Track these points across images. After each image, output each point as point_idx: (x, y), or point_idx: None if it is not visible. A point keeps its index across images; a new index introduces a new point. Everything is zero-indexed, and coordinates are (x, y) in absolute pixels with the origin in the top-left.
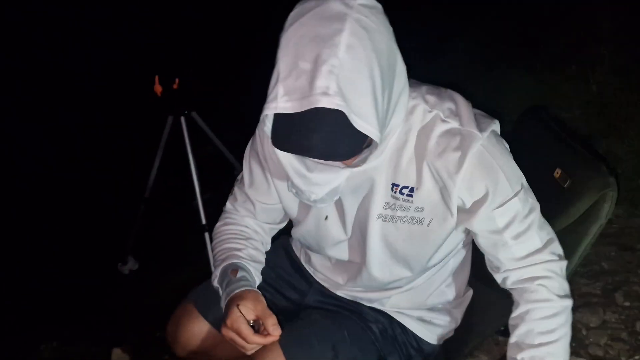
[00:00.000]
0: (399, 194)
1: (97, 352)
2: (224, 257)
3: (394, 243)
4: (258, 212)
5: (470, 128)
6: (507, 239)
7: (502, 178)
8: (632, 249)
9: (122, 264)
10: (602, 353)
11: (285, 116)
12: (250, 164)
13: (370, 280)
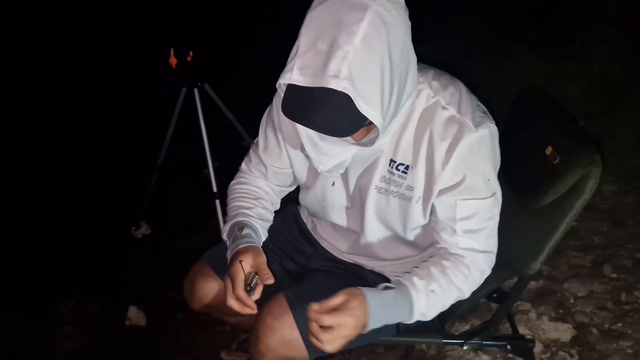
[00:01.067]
0: (395, 170)
1: (113, 310)
2: (235, 214)
3: (385, 214)
4: (269, 174)
5: (466, 119)
6: (458, 229)
7: (480, 179)
8: (624, 225)
9: (135, 229)
10: (587, 320)
11: (297, 88)
12: (265, 130)
13: (368, 249)
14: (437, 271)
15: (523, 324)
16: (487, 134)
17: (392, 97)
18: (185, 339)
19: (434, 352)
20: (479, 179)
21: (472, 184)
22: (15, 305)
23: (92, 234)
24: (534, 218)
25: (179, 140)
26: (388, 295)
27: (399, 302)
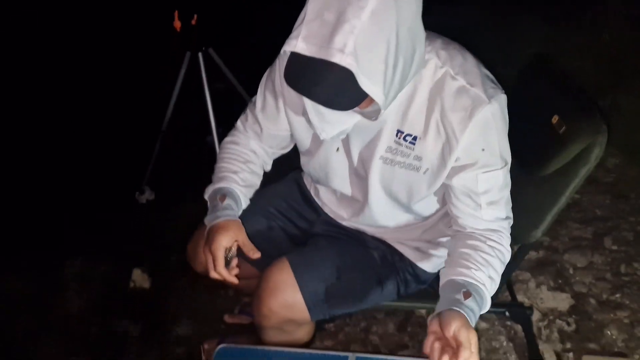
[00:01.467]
0: (402, 141)
1: (118, 272)
2: (220, 176)
3: (389, 184)
4: (264, 135)
5: (478, 91)
6: (483, 202)
7: (497, 148)
8: (626, 197)
9: (139, 194)
10: (585, 290)
11: (300, 56)
12: (264, 91)
13: (371, 218)
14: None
15: (522, 292)
16: (500, 104)
17: (396, 73)
18: (188, 302)
19: None
20: (495, 151)
21: (489, 157)
22: (23, 263)
23: (98, 197)
24: (537, 187)
25: (182, 106)
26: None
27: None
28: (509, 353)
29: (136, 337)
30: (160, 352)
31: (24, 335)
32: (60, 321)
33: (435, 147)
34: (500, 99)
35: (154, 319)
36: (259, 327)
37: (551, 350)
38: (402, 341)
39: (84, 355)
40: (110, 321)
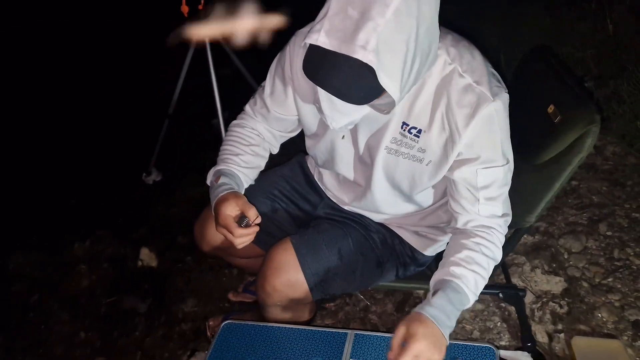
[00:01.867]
0: (407, 133)
1: (126, 251)
2: (221, 158)
3: (393, 174)
4: (271, 119)
5: (484, 89)
6: (481, 197)
7: (499, 146)
8: (623, 185)
9: (146, 175)
10: (578, 274)
11: (320, 49)
12: (274, 76)
13: (372, 204)
14: (473, 252)
15: (517, 275)
16: (503, 103)
17: (413, 71)
18: (194, 280)
19: None
20: (497, 148)
21: (490, 153)
22: (34, 242)
23: (106, 179)
24: (531, 174)
25: (189, 91)
26: (440, 298)
27: (451, 297)
28: (503, 333)
29: (144, 314)
30: (167, 328)
31: (36, 311)
32: (71, 298)
33: (439, 140)
34: (503, 97)
35: (161, 297)
36: (262, 305)
37: (543, 331)
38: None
39: (94, 330)
40: (119, 298)
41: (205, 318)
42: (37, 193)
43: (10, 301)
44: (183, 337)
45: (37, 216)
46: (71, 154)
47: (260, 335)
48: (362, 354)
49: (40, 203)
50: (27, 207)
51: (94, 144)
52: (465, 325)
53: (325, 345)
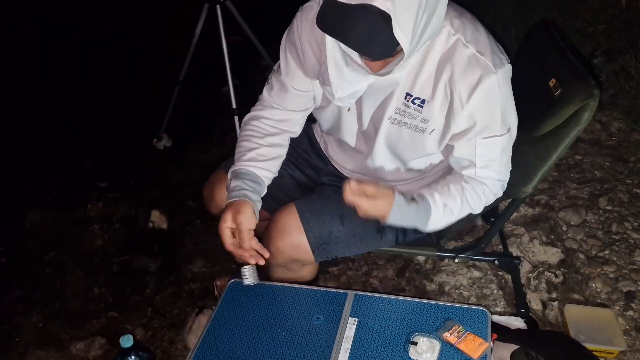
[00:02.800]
0: (411, 104)
1: (137, 213)
2: (237, 157)
3: (395, 143)
4: (291, 99)
5: (487, 60)
6: (478, 163)
7: (498, 117)
8: (626, 161)
9: (157, 140)
10: (576, 246)
11: (335, 3)
12: (286, 53)
13: (372, 171)
14: (456, 190)
15: (515, 246)
16: (505, 74)
17: (422, 27)
18: (203, 242)
19: (430, 266)
20: (497, 118)
21: (490, 123)
22: (50, 202)
23: (119, 144)
24: (529, 146)
25: (200, 58)
26: (412, 204)
27: (420, 211)
28: (498, 300)
29: (154, 273)
30: (177, 287)
31: (52, 267)
32: (85, 256)
33: (442, 110)
34: (505, 69)
35: (171, 257)
36: (267, 265)
37: (538, 299)
38: (400, 285)
39: (107, 287)
40: (131, 257)
41: (213, 278)
42: (53, 154)
43: (28, 257)
44: (191, 295)
45: (52, 176)
46: (86, 119)
47: (265, 294)
48: (361, 313)
49: (56, 164)
50: (42, 167)
51: (107, 110)
52: (462, 291)
53: (326, 304)
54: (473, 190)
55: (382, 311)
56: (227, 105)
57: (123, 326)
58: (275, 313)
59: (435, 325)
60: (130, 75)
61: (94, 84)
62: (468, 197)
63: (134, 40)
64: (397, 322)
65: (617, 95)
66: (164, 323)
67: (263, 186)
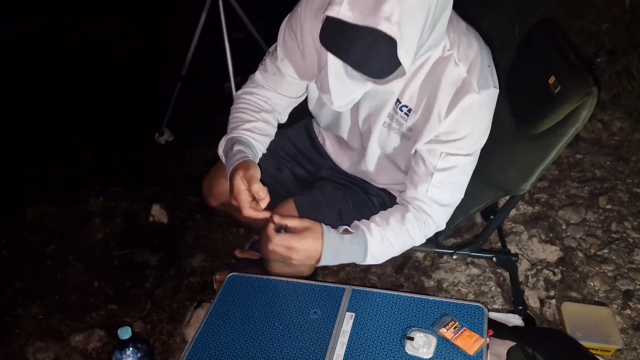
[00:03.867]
0: (399, 110)
1: (138, 207)
2: (233, 126)
3: (384, 145)
4: (284, 84)
5: (472, 79)
6: (434, 178)
7: (470, 136)
8: (627, 160)
9: (158, 135)
10: (575, 245)
11: (340, 21)
12: (285, 39)
13: (365, 173)
14: (396, 221)
15: (514, 243)
16: (488, 97)
17: (424, 44)
18: (203, 237)
19: (429, 263)
20: (470, 139)
21: (462, 142)
22: (51, 196)
23: (120, 138)
24: (528, 143)
25: (202, 53)
26: (345, 238)
27: (354, 245)
28: (496, 297)
29: (154, 266)
30: (176, 281)
31: (53, 260)
32: (86, 249)
33: (423, 122)
34: (489, 92)
35: (171, 251)
36: (265, 260)
37: (535, 296)
38: (398, 281)
39: (107, 280)
40: (131, 251)
41: (212, 272)
42: (54, 148)
43: (29, 250)
44: (191, 289)
45: (53, 171)
46: (88, 114)
47: (263, 288)
48: (358, 308)
49: (57, 158)
50: (44, 161)
51: (109, 104)
52: (460, 288)
53: (324, 299)
54: (415, 220)
55: (379, 306)
56: (228, 101)
57: (122, 319)
58: (272, 307)
59: (431, 321)
60: (131, 74)
61: (95, 82)
62: (409, 227)
63: (134, 40)
64: (393, 317)
65: (620, 95)
66: (163, 316)
67: (257, 159)
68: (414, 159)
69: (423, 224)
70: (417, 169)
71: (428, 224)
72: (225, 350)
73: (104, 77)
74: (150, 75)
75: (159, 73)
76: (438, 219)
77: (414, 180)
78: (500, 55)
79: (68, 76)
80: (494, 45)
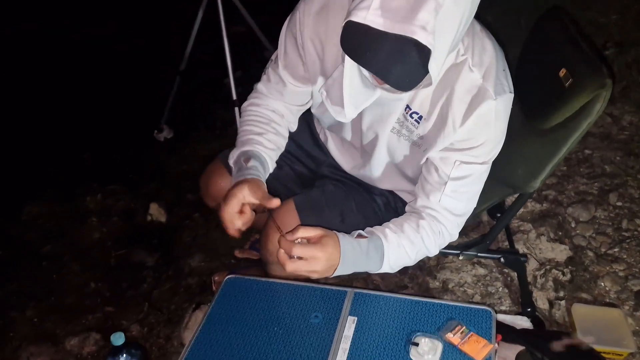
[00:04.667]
0: (409, 117)
1: (136, 206)
2: (244, 139)
3: (394, 153)
4: (288, 93)
5: (488, 86)
6: (447, 188)
7: (486, 144)
8: (637, 155)
9: (158, 132)
10: (584, 243)
11: (365, 26)
12: (285, 45)
13: (369, 178)
14: (410, 228)
15: (522, 242)
16: (505, 103)
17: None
18: (202, 236)
19: (434, 263)
20: (486, 146)
21: (478, 150)
22: (48, 194)
23: (118, 135)
24: (538, 138)
25: (201, 48)
26: (362, 243)
27: (371, 251)
28: (504, 298)
29: (152, 267)
30: (174, 282)
31: (49, 260)
32: (82, 249)
33: (435, 130)
34: (505, 98)
35: (169, 251)
36: (265, 262)
37: (544, 297)
38: (403, 282)
39: (104, 281)
40: (128, 251)
41: (211, 273)
42: (51, 146)
43: (24, 250)
44: (189, 290)
45: (51, 169)
46: (85, 110)
47: (262, 290)
48: (361, 312)
49: (55, 156)
50: (42, 159)
51: (107, 100)
52: (467, 289)
53: (325, 302)
54: (430, 229)
55: (382, 310)
56: (228, 97)
57: (119, 321)
58: (272, 310)
59: (437, 325)
60: (130, 73)
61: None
62: (424, 235)
63: (133, 40)
64: (398, 321)
65: (629, 87)
66: (161, 319)
67: (267, 174)
68: (426, 167)
69: (437, 234)
70: (429, 178)
71: (442, 234)
72: (222, 355)
73: (103, 76)
74: (149, 73)
75: (159, 72)
76: (452, 229)
77: (425, 189)
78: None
79: (67, 75)
80: (500, 37)
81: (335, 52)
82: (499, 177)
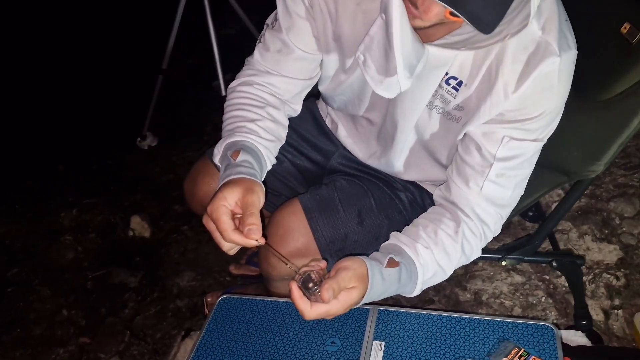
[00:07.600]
0: (444, 84)
1: (116, 220)
2: (232, 127)
3: (424, 132)
4: (291, 62)
5: (550, 39)
6: (492, 171)
7: (544, 115)
8: None
9: (140, 140)
10: (634, 242)
11: None
12: (286, 2)
13: (392, 163)
14: (447, 237)
15: (563, 243)
16: (570, 61)
17: None
18: (191, 251)
19: (461, 271)
20: (544, 118)
21: (533, 123)
22: (17, 211)
23: (97, 143)
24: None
25: (187, 43)
26: (392, 274)
27: (402, 279)
28: (548, 310)
29: (134, 289)
30: (160, 305)
31: (15, 286)
32: (54, 271)
33: (480, 97)
34: (571, 55)
35: (154, 270)
36: (266, 279)
37: (598, 307)
38: (427, 296)
39: (78, 308)
40: (107, 272)
41: (203, 293)
42: (22, 158)
43: None
44: (178, 315)
45: (21, 183)
46: (59, 116)
47: (264, 312)
48: (388, 335)
49: (25, 168)
50: (10, 173)
51: (83, 105)
52: (503, 300)
53: (343, 324)
54: (471, 234)
55: (415, 331)
56: (217, 100)
57: (96, 354)
58: (276, 337)
59: (486, 349)
60: (109, 75)
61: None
62: (465, 245)
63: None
64: (436, 345)
65: None
66: (145, 349)
67: (263, 174)
68: (463, 146)
69: (480, 238)
70: (468, 159)
71: (486, 236)
72: None
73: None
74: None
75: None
76: (495, 224)
77: (463, 173)
78: None
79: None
80: None
81: (352, 8)
82: (547, 163)
